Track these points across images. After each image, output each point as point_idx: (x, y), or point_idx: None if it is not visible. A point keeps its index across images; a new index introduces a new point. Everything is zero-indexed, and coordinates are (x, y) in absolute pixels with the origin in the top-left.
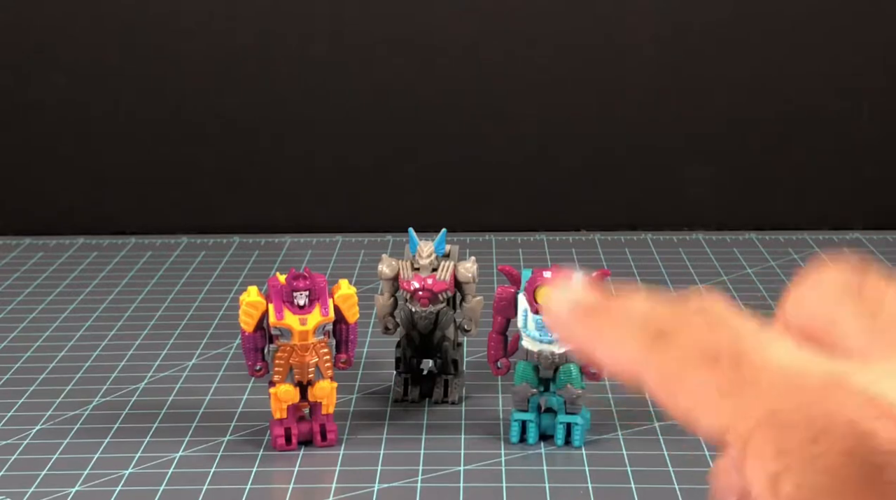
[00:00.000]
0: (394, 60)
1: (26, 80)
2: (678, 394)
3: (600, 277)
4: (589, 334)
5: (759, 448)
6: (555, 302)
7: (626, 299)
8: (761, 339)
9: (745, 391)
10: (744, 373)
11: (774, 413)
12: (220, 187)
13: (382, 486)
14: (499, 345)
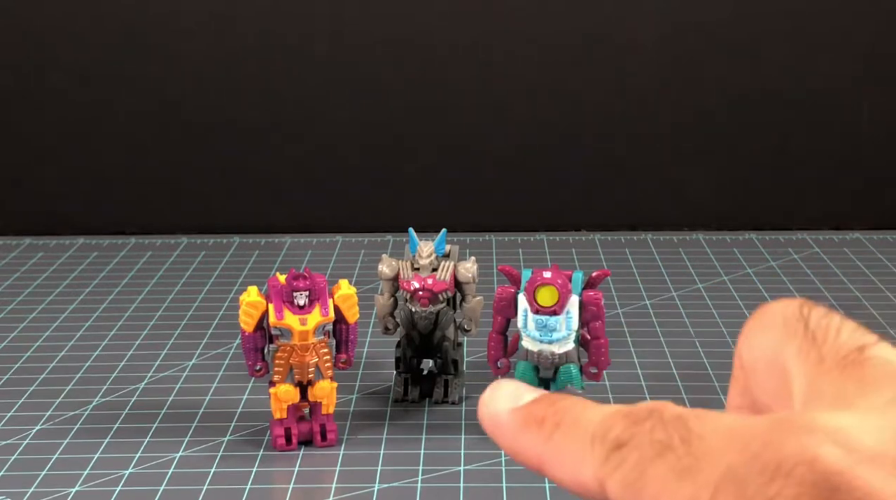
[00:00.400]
0: (394, 60)
1: (26, 80)
2: (643, 497)
3: (600, 277)
4: (536, 446)
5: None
6: (492, 405)
7: (572, 407)
8: (707, 414)
9: (700, 465)
10: (694, 448)
11: (729, 469)
12: (220, 187)
13: (382, 486)
14: (499, 345)
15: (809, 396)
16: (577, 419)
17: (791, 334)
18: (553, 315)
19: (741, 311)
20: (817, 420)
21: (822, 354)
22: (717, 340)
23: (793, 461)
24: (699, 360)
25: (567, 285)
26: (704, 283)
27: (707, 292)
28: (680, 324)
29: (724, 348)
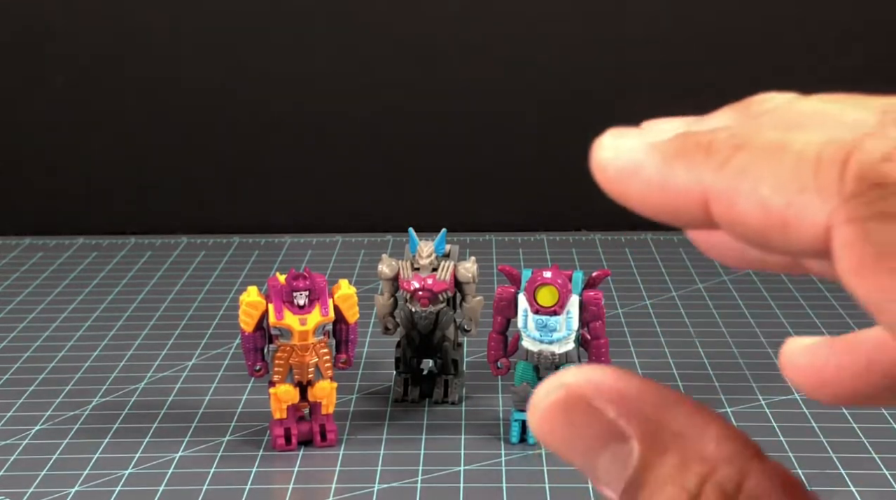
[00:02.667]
0: (394, 60)
1: (26, 80)
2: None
3: (600, 277)
4: (700, 177)
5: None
6: (619, 142)
7: (758, 129)
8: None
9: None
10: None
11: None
12: (220, 187)
13: (382, 486)
14: (499, 345)
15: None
16: (776, 141)
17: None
18: (553, 315)
19: (741, 311)
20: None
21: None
22: (717, 340)
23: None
24: (699, 360)
25: (567, 285)
26: (704, 283)
27: (707, 292)
28: (680, 324)
29: (725, 349)
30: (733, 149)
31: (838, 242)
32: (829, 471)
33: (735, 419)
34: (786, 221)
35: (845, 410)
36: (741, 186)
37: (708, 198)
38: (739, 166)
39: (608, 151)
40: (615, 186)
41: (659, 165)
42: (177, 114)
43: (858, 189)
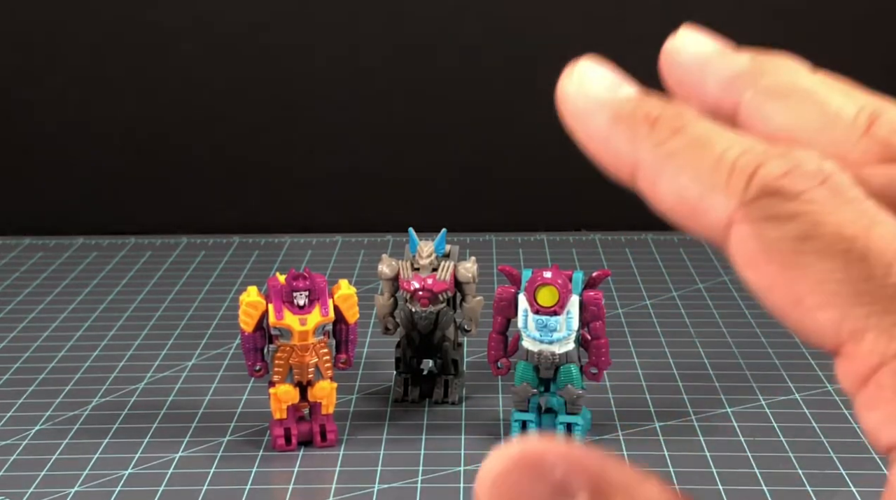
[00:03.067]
0: (394, 60)
1: (26, 80)
2: (789, 274)
3: (600, 277)
4: (635, 150)
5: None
6: (581, 86)
7: (697, 119)
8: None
9: (891, 307)
10: (891, 285)
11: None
12: (220, 187)
13: (382, 486)
14: (499, 345)
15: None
16: (705, 135)
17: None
18: (553, 315)
19: (741, 311)
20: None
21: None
22: (717, 340)
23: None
24: (699, 360)
25: (567, 285)
26: (704, 283)
27: (707, 292)
28: (680, 324)
29: (725, 349)
30: (671, 132)
31: (734, 238)
32: (829, 471)
33: (735, 419)
34: (696, 211)
35: (845, 410)
36: (665, 171)
37: (637, 170)
38: (670, 151)
39: (572, 84)
40: (567, 120)
41: (606, 124)
42: (177, 114)
43: (757, 196)
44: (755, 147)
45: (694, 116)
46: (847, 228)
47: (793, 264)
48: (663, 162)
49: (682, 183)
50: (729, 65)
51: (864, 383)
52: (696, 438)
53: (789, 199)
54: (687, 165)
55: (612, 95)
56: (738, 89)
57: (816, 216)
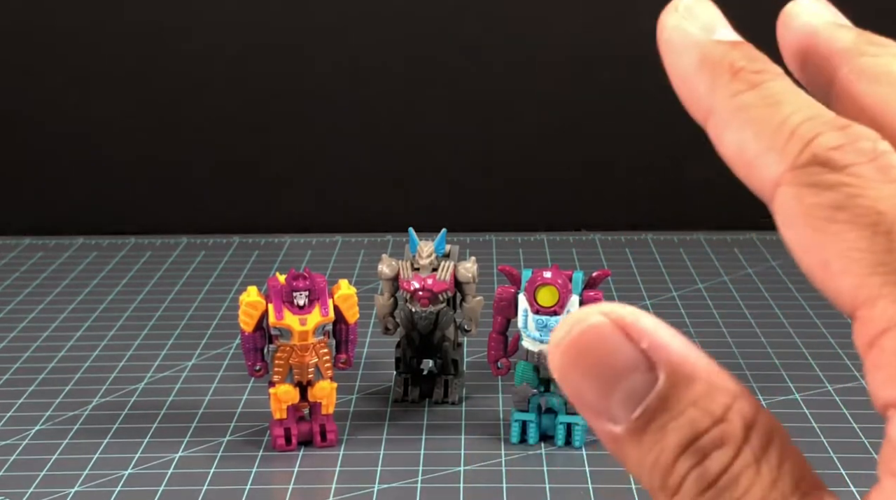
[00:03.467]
0: (394, 60)
1: (26, 80)
2: (821, 238)
3: (600, 277)
4: (712, 96)
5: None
6: (682, 22)
7: (778, 79)
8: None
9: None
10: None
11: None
12: (220, 187)
13: (382, 486)
14: (499, 345)
15: None
16: (779, 96)
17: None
18: (553, 315)
19: (741, 311)
20: None
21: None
22: (717, 340)
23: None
24: None
25: (567, 285)
26: (704, 283)
27: (707, 292)
28: (680, 324)
29: (725, 349)
30: (749, 85)
31: (779, 197)
32: (829, 471)
33: None
34: (751, 165)
35: (846, 410)
36: (733, 122)
37: (709, 115)
38: (742, 104)
39: (674, 17)
40: (660, 47)
41: (693, 65)
42: (177, 114)
43: (807, 162)
44: (820, 116)
45: (774, 73)
46: (882, 203)
47: (824, 230)
48: (734, 113)
49: (745, 137)
50: (835, 38)
51: (871, 345)
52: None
53: (835, 170)
54: (754, 120)
55: (706, 36)
56: (836, 63)
57: (856, 190)
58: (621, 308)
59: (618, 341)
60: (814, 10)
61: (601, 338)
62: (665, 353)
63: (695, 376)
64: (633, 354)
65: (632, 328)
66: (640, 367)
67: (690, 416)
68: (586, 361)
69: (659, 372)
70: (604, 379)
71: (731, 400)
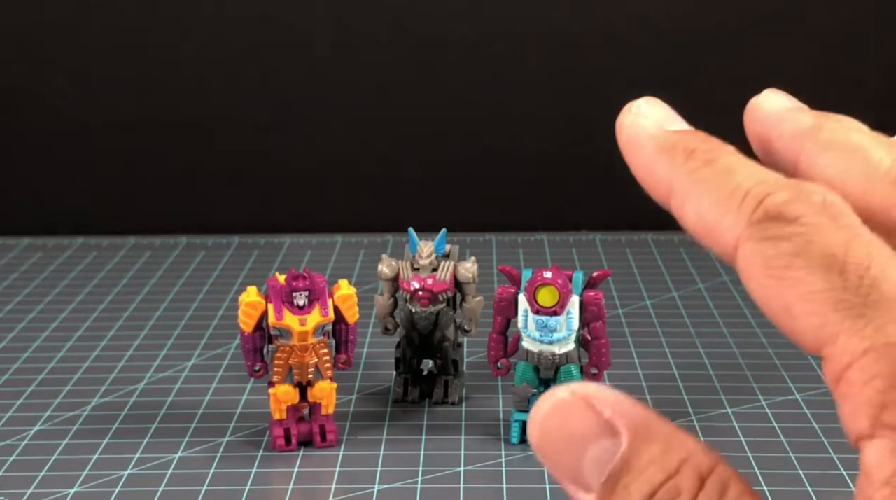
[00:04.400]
0: (394, 60)
1: (26, 80)
2: (781, 286)
3: (601, 277)
4: (673, 176)
5: (865, 374)
6: (637, 118)
7: (728, 153)
8: (885, 255)
9: (863, 312)
10: (866, 293)
11: (892, 346)
12: (220, 187)
13: (382, 487)
14: (499, 345)
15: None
16: (731, 167)
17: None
18: (553, 315)
19: (741, 311)
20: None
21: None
22: (717, 340)
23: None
24: (699, 360)
25: (567, 286)
26: (704, 283)
27: (707, 292)
28: (680, 324)
29: (725, 349)
30: (704, 163)
31: (740, 254)
32: (829, 471)
33: (735, 420)
34: (712, 231)
35: None
36: (692, 195)
37: (671, 193)
38: (699, 178)
39: (629, 117)
40: (621, 145)
41: (651, 153)
42: (177, 114)
43: (761, 219)
44: (770, 179)
45: (727, 151)
46: (834, 246)
47: (785, 277)
48: (691, 187)
49: (703, 206)
50: (798, 120)
51: (838, 380)
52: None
53: (789, 222)
54: (710, 190)
55: (660, 129)
56: (800, 142)
57: (809, 236)
58: (587, 385)
59: (583, 412)
60: (777, 100)
61: (569, 411)
62: (626, 420)
63: (653, 438)
64: (597, 422)
65: (595, 400)
66: (605, 433)
67: (649, 474)
68: (558, 432)
69: (622, 437)
70: (574, 447)
71: (686, 455)
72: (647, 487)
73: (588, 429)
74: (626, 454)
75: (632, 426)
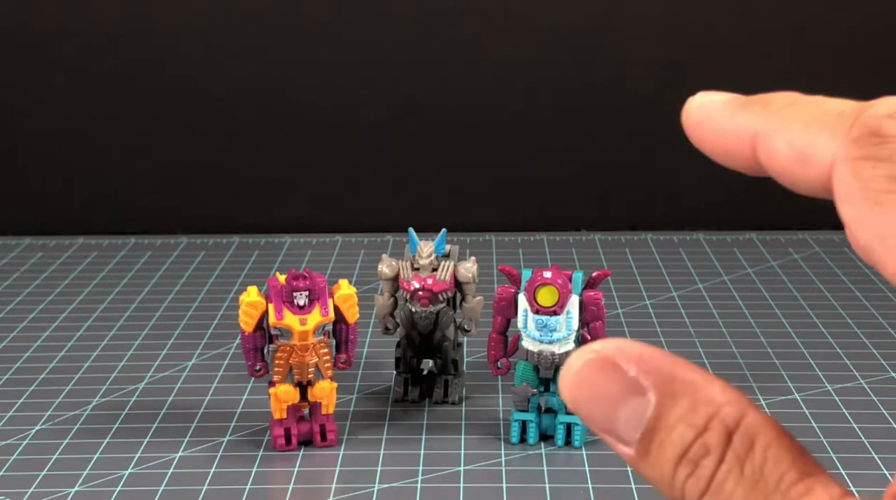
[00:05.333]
0: (394, 60)
1: (26, 80)
2: (878, 211)
3: (600, 277)
4: (756, 122)
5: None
6: (705, 96)
7: (799, 95)
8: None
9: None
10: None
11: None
12: (220, 187)
13: (382, 486)
14: (499, 345)
15: None
16: (816, 100)
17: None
18: (553, 315)
19: (741, 311)
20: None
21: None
22: (717, 340)
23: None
24: (699, 360)
25: (567, 285)
26: (704, 283)
27: (707, 292)
28: (680, 324)
29: (725, 349)
30: (786, 104)
31: (836, 175)
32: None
33: None
34: (805, 158)
35: (845, 410)
36: (780, 128)
37: (756, 139)
38: (787, 114)
39: (695, 102)
40: (694, 130)
41: (727, 114)
42: (177, 114)
43: (859, 135)
44: (863, 103)
45: (804, 96)
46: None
47: (882, 203)
48: (780, 121)
49: (792, 134)
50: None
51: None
52: None
53: (888, 140)
54: (798, 117)
55: (729, 98)
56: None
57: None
58: (611, 343)
59: (610, 372)
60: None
61: (595, 373)
62: (652, 377)
63: (679, 392)
64: (624, 382)
65: (620, 360)
66: (634, 392)
67: (679, 431)
68: (588, 394)
69: (649, 395)
70: (605, 408)
71: (714, 410)
72: (679, 446)
73: (616, 391)
74: (655, 412)
75: (658, 382)
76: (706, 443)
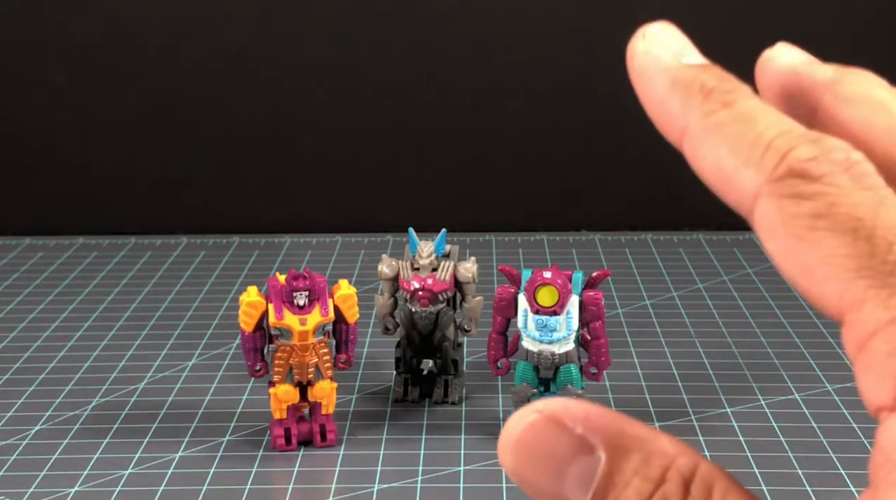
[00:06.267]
0: (394, 60)
1: (26, 80)
2: (803, 246)
3: (600, 277)
4: (686, 116)
5: (889, 344)
6: (649, 47)
7: (748, 97)
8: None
9: (890, 281)
10: (891, 262)
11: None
12: (220, 187)
13: (382, 486)
14: (499, 345)
15: None
16: (751, 114)
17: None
18: (553, 315)
19: (741, 311)
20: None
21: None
22: (717, 340)
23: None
24: (699, 360)
25: (567, 285)
26: (704, 283)
27: (707, 292)
28: (680, 324)
29: (725, 349)
30: (721, 104)
31: (759, 209)
32: (829, 471)
33: (735, 419)
34: (728, 181)
35: (845, 410)
36: (708, 139)
37: (684, 134)
38: (716, 122)
39: (643, 44)
40: (632, 76)
41: (664, 87)
42: (177, 113)
43: (784, 175)
44: (793, 131)
45: (745, 93)
46: (859, 210)
47: (806, 238)
48: (708, 131)
49: (720, 153)
50: (815, 72)
51: (861, 349)
52: (696, 438)
53: (812, 180)
54: (728, 137)
55: (675, 60)
56: (819, 94)
57: (833, 198)
58: (552, 402)
59: (555, 431)
60: (791, 53)
61: (540, 433)
62: (600, 434)
63: (630, 447)
64: (571, 441)
65: (565, 418)
66: (582, 450)
67: (636, 485)
68: (533, 455)
69: (599, 452)
70: (552, 471)
71: (668, 461)
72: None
73: (563, 449)
74: (607, 468)
75: (606, 439)
76: (665, 494)
